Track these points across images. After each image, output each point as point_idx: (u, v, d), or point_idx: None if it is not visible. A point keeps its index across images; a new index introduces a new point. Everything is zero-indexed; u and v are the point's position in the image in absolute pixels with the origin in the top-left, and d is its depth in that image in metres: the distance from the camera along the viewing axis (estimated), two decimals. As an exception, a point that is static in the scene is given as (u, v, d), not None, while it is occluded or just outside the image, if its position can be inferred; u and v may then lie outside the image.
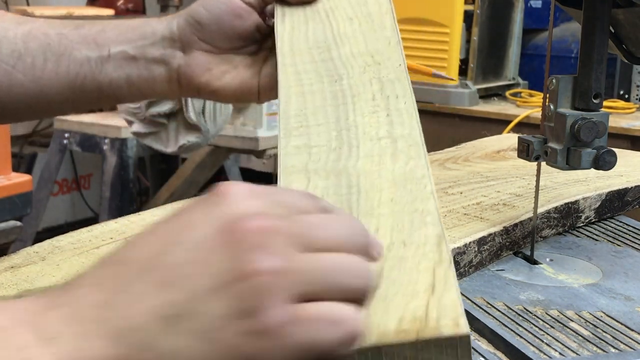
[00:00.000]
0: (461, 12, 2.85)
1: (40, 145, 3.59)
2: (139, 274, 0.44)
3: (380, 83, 0.77)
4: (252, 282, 0.43)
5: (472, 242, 0.84)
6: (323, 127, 0.73)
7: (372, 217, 0.63)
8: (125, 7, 4.02)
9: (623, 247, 0.98)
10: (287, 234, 0.45)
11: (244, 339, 0.43)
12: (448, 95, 2.82)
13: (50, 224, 3.63)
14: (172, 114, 2.39)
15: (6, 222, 2.28)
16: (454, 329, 0.52)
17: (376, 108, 0.74)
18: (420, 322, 0.53)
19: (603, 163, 0.82)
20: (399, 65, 0.79)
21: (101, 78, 0.85)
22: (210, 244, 0.44)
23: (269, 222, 0.45)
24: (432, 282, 0.56)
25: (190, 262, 0.44)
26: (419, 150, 0.69)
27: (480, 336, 0.72)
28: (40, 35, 0.84)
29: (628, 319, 0.76)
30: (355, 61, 0.81)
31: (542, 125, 0.86)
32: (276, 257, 0.44)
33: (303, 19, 0.88)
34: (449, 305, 0.54)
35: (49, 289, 0.46)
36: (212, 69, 0.86)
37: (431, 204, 0.63)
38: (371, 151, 0.70)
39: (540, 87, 3.02)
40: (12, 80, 0.83)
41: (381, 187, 0.66)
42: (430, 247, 0.59)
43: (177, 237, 0.45)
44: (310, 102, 0.77)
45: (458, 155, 1.29)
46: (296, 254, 0.45)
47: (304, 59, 0.82)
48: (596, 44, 0.82)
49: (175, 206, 0.99)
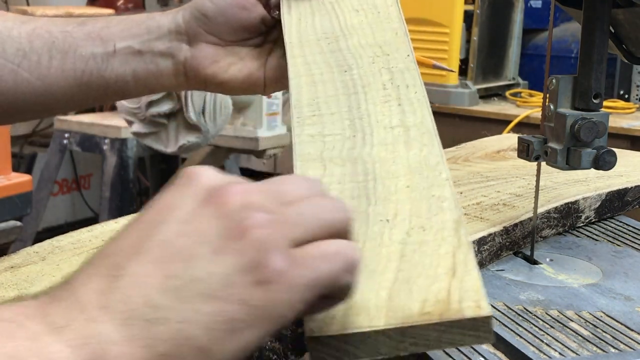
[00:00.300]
0: (461, 12, 2.85)
1: (40, 145, 3.59)
2: (133, 257, 0.45)
3: (390, 73, 0.78)
4: (249, 238, 0.45)
5: (472, 242, 0.84)
6: (336, 116, 0.74)
7: (390, 202, 0.63)
8: (125, 7, 4.02)
9: (623, 247, 0.98)
10: (264, 193, 0.48)
11: (253, 291, 0.44)
12: (448, 95, 2.82)
13: (50, 224, 3.63)
14: (172, 114, 2.39)
15: (6, 222, 2.28)
16: (476, 310, 0.53)
17: (387, 97, 0.75)
18: (443, 304, 0.54)
19: (603, 163, 0.82)
20: (407, 55, 0.80)
21: (107, 74, 0.85)
22: (198, 215, 0.46)
23: (245, 186, 0.48)
24: (453, 265, 0.57)
25: (182, 235, 0.46)
26: (431, 138, 0.70)
27: (480, 336, 0.72)
28: (44, 33, 0.85)
29: (628, 319, 0.76)
30: (364, 52, 0.81)
31: (542, 125, 0.86)
32: (263, 211, 0.46)
33: (309, 10, 0.88)
34: (470, 287, 0.55)
35: (48, 288, 0.47)
36: (219, 61, 0.86)
37: (447, 190, 0.64)
38: (385, 139, 0.70)
39: (540, 87, 3.02)
40: (17, 79, 0.83)
41: (397, 174, 0.66)
42: (449, 231, 0.60)
43: (162, 219, 0.47)
44: (322, 92, 0.77)
45: (458, 155, 1.29)
46: (278, 206, 0.47)
47: (312, 50, 0.83)
48: (596, 44, 0.82)
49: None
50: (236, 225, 0.46)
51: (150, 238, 0.46)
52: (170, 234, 0.46)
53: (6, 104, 0.84)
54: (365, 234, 0.61)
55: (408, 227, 0.61)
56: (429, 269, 0.57)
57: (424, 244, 0.59)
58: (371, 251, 0.59)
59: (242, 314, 0.45)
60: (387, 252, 0.59)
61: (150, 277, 0.44)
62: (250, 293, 0.44)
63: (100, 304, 0.44)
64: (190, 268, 0.45)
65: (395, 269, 0.58)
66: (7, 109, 0.85)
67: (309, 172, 0.68)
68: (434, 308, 0.54)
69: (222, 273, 0.45)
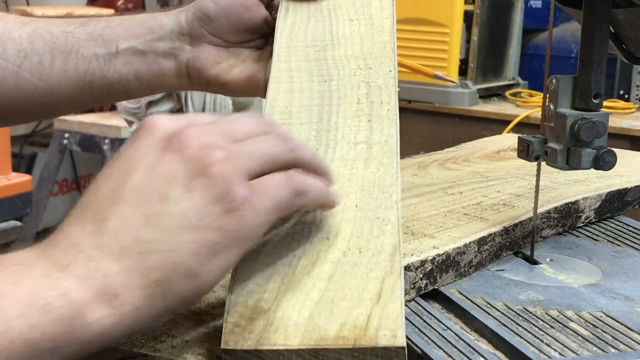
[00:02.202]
0: (461, 12, 2.85)
1: (40, 145, 3.59)
2: (113, 204, 0.52)
3: (368, 87, 0.79)
4: (211, 173, 0.52)
5: (472, 242, 0.84)
6: (305, 126, 0.74)
7: (335, 219, 0.64)
8: (125, 7, 4.02)
9: (623, 247, 0.98)
10: (218, 134, 0.55)
11: (225, 218, 0.52)
12: (448, 95, 2.82)
13: (50, 224, 3.62)
14: (172, 114, 2.39)
15: (6, 222, 2.28)
16: (391, 340, 0.54)
17: (359, 112, 0.76)
18: (360, 330, 0.55)
19: (603, 163, 0.82)
20: (389, 71, 0.80)
21: (110, 74, 0.85)
22: (162, 162, 0.53)
23: (200, 127, 0.54)
24: (380, 291, 0.58)
25: (152, 179, 0.52)
26: (392, 158, 0.71)
27: (480, 336, 0.72)
28: (45, 34, 0.85)
29: (628, 319, 0.76)
30: (348, 63, 0.82)
31: (542, 125, 0.86)
32: (220, 149, 0.53)
33: (305, 15, 0.88)
34: (390, 315, 0.56)
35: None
36: (221, 62, 0.87)
37: (393, 213, 0.65)
38: (346, 154, 0.71)
39: (540, 87, 3.02)
40: (19, 80, 0.84)
41: (349, 192, 0.67)
42: (385, 256, 0.61)
43: (130, 168, 0.53)
44: (297, 100, 0.78)
45: (458, 155, 1.29)
46: (231, 144, 0.54)
47: (298, 57, 0.83)
48: (596, 44, 0.82)
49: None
50: (198, 165, 0.52)
51: (124, 186, 0.52)
52: (141, 181, 0.52)
53: (8, 106, 0.85)
54: (303, 250, 0.62)
55: (345, 248, 0.62)
56: (355, 292, 0.58)
57: (356, 265, 0.60)
58: (303, 269, 0.60)
59: (220, 238, 0.52)
60: (319, 271, 0.60)
61: (133, 218, 0.51)
62: (223, 220, 0.52)
63: (95, 243, 0.51)
64: (166, 206, 0.51)
65: (322, 289, 0.59)
66: (8, 110, 0.85)
67: None
68: (350, 333, 0.55)
69: (195, 207, 0.52)
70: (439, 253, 0.80)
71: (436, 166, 1.20)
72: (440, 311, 0.78)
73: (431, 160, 1.25)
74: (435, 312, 0.77)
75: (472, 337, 0.72)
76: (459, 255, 0.82)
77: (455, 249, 0.82)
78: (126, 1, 4.05)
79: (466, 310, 0.76)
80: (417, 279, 0.77)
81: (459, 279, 0.83)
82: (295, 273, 0.60)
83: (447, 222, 0.89)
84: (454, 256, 0.82)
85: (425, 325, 0.73)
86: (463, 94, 2.84)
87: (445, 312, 0.78)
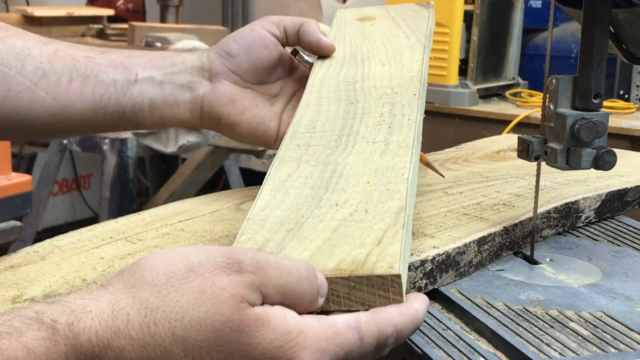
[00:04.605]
0: (461, 12, 2.85)
1: (40, 145, 3.58)
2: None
3: (391, 105, 0.82)
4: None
5: (472, 242, 0.84)
6: (327, 133, 0.78)
7: (345, 193, 0.67)
8: (125, 7, 4.02)
9: (623, 247, 0.98)
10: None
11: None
12: (448, 95, 2.82)
13: (50, 224, 3.63)
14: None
15: (6, 222, 2.28)
16: (387, 270, 0.57)
17: (381, 122, 0.79)
18: (358, 264, 0.58)
19: (603, 163, 0.82)
20: (413, 94, 0.84)
21: (125, 101, 0.87)
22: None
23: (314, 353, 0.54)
24: (381, 237, 0.61)
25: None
26: (408, 150, 0.73)
27: (480, 336, 0.72)
28: (66, 56, 0.87)
29: (628, 319, 0.76)
30: (376, 91, 0.86)
31: (542, 125, 0.86)
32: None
33: (340, 63, 0.94)
34: (389, 253, 0.58)
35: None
36: (236, 102, 0.90)
37: (403, 186, 0.67)
38: (364, 150, 0.74)
39: (540, 87, 3.02)
40: (33, 97, 0.85)
41: (362, 173, 0.70)
42: (390, 214, 0.64)
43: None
44: (323, 117, 0.81)
45: (458, 156, 1.29)
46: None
47: (329, 89, 0.88)
48: (596, 44, 0.82)
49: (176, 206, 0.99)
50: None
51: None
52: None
53: (18, 121, 0.86)
54: (311, 212, 0.65)
55: (353, 210, 0.65)
56: (358, 239, 0.61)
57: (361, 221, 0.63)
58: (310, 225, 0.63)
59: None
60: (324, 226, 0.63)
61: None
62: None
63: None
64: None
65: (325, 238, 0.62)
66: (18, 126, 0.86)
67: (283, 169, 0.72)
68: (347, 266, 0.58)
69: None
70: (439, 253, 0.80)
71: (436, 166, 1.20)
72: (440, 311, 0.78)
73: (431, 160, 1.25)
74: (435, 312, 0.77)
75: (472, 337, 0.72)
76: (459, 255, 0.82)
77: (455, 248, 0.82)
78: (126, 1, 4.04)
79: (466, 310, 0.76)
80: (417, 279, 0.77)
81: (459, 278, 0.83)
82: (301, 228, 0.63)
83: (447, 222, 0.90)
84: (454, 256, 0.82)
85: (425, 325, 0.73)
86: (463, 94, 2.84)
87: (445, 312, 0.78)
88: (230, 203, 1.01)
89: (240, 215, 0.97)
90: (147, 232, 0.90)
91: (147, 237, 0.88)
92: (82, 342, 0.50)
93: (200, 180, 3.18)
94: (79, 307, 0.51)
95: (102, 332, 0.51)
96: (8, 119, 0.85)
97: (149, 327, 0.51)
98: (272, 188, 0.69)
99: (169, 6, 3.85)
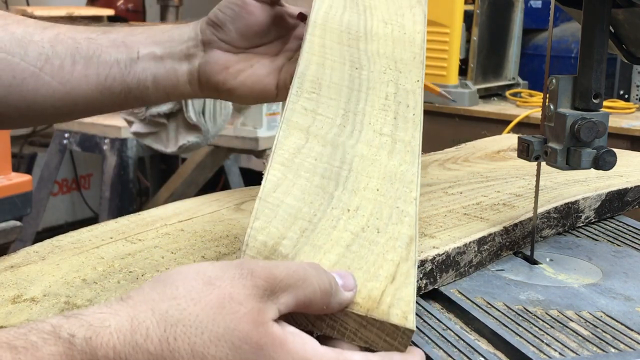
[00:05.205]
0: (461, 12, 2.84)
1: (40, 145, 3.58)
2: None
3: (396, 88, 0.80)
4: None
5: (472, 242, 0.84)
6: (334, 102, 0.76)
7: (356, 196, 0.66)
8: (125, 7, 4.02)
9: (623, 247, 0.98)
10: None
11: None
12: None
13: (50, 224, 3.63)
14: (172, 114, 2.39)
15: (6, 222, 2.28)
16: (402, 320, 0.55)
17: (386, 107, 0.77)
18: (373, 302, 0.56)
19: (603, 163, 0.82)
20: (417, 80, 0.82)
21: (129, 79, 0.88)
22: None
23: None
24: (394, 273, 0.59)
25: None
26: (414, 158, 0.72)
27: (480, 336, 0.72)
28: (67, 39, 0.87)
29: (628, 319, 0.76)
30: (379, 60, 0.83)
31: (542, 125, 0.86)
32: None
33: (342, 3, 0.91)
34: (403, 298, 0.57)
35: None
36: (229, 67, 0.89)
37: (412, 208, 0.66)
38: (371, 141, 0.72)
39: (540, 87, 3.02)
40: (39, 82, 0.85)
41: (371, 175, 0.69)
42: (401, 243, 0.62)
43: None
44: (328, 76, 0.79)
45: (458, 155, 1.29)
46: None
47: (332, 37, 0.85)
48: (596, 44, 0.82)
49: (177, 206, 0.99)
50: None
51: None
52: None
53: (25, 107, 0.86)
54: (323, 211, 0.63)
55: (364, 224, 0.63)
56: (371, 267, 0.59)
57: (374, 244, 0.62)
58: (323, 229, 0.62)
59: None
60: (337, 236, 0.62)
61: None
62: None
63: None
64: None
65: (340, 254, 0.60)
66: (26, 112, 0.86)
67: (291, 137, 0.70)
68: (363, 301, 0.56)
69: None
70: (439, 253, 0.80)
71: (436, 166, 1.20)
72: (440, 311, 0.78)
73: (431, 160, 1.25)
74: (435, 312, 0.77)
75: (472, 337, 0.72)
76: (459, 255, 0.82)
77: (455, 248, 0.82)
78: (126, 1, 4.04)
79: (466, 310, 0.76)
80: (417, 279, 0.77)
81: (459, 278, 0.83)
82: (315, 231, 0.62)
83: (447, 222, 0.90)
84: (454, 256, 0.82)
85: (425, 325, 0.73)
86: (463, 94, 2.83)
87: (445, 312, 0.78)
88: (230, 203, 1.01)
89: (240, 215, 0.97)
90: (147, 232, 0.90)
91: (147, 237, 0.88)
92: (99, 358, 0.50)
93: (200, 180, 3.18)
94: (98, 322, 0.51)
95: (120, 347, 0.50)
96: (16, 106, 0.85)
97: (168, 342, 0.51)
98: (282, 162, 0.68)
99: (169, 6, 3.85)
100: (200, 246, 0.86)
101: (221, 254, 0.84)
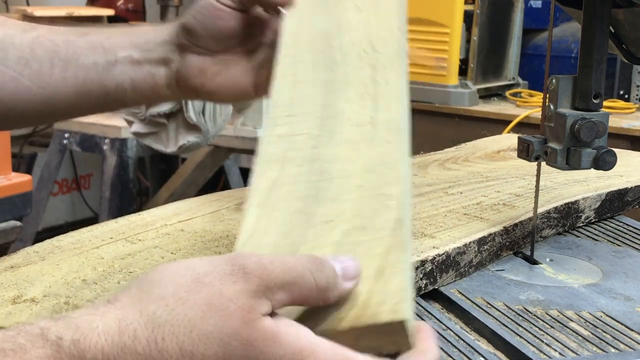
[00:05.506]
0: (461, 12, 2.85)
1: (40, 145, 3.58)
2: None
3: (373, 69, 0.77)
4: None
5: (472, 242, 0.84)
6: (309, 116, 0.73)
7: (336, 202, 0.63)
8: (125, 7, 4.02)
9: (623, 247, 0.98)
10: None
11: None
12: (448, 95, 2.82)
13: (50, 224, 3.63)
14: (172, 114, 2.38)
15: (6, 222, 2.28)
16: (392, 315, 0.52)
17: (364, 94, 0.74)
18: (360, 308, 0.54)
19: (603, 163, 0.82)
20: (396, 50, 0.79)
21: (108, 82, 0.87)
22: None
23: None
24: (382, 266, 0.56)
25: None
26: (399, 135, 0.69)
27: (480, 336, 0.72)
28: (46, 42, 0.86)
29: (628, 319, 0.76)
30: (354, 49, 0.80)
31: (542, 125, 0.86)
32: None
33: (312, 8, 0.88)
34: (393, 290, 0.54)
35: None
36: (206, 71, 0.88)
37: (397, 188, 0.63)
38: (350, 138, 0.70)
39: (540, 87, 3.02)
40: (19, 87, 0.85)
41: (352, 174, 0.66)
42: (388, 231, 0.59)
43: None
44: (301, 91, 0.76)
45: (458, 155, 1.29)
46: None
47: (303, 51, 0.82)
48: (596, 44, 0.82)
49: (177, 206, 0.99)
50: None
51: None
52: None
53: (6, 111, 0.86)
54: (302, 235, 0.60)
55: (348, 228, 0.60)
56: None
57: (358, 244, 0.59)
58: (304, 253, 0.59)
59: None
60: (319, 253, 0.58)
61: None
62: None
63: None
64: None
65: None
66: (7, 115, 0.86)
67: (266, 172, 0.67)
68: (350, 312, 0.54)
69: None
70: (439, 253, 0.80)
71: (436, 166, 1.20)
72: (440, 311, 0.78)
73: (431, 160, 1.25)
74: (435, 312, 0.77)
75: (472, 337, 0.72)
76: (459, 255, 0.82)
77: (455, 249, 0.82)
78: (126, 1, 4.04)
79: (466, 310, 0.76)
80: (417, 279, 0.77)
81: (459, 279, 0.83)
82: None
83: (447, 222, 0.89)
84: (454, 256, 0.82)
85: (425, 325, 0.73)
86: (463, 94, 2.83)
87: (445, 312, 0.78)
88: (230, 203, 1.01)
89: (240, 215, 0.97)
90: (147, 232, 0.90)
91: (147, 237, 0.88)
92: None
93: (200, 180, 3.18)
94: (86, 324, 0.51)
95: (109, 348, 0.50)
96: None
97: (157, 343, 0.51)
98: (258, 203, 0.64)
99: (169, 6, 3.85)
100: (200, 246, 0.86)
101: (221, 254, 0.84)
